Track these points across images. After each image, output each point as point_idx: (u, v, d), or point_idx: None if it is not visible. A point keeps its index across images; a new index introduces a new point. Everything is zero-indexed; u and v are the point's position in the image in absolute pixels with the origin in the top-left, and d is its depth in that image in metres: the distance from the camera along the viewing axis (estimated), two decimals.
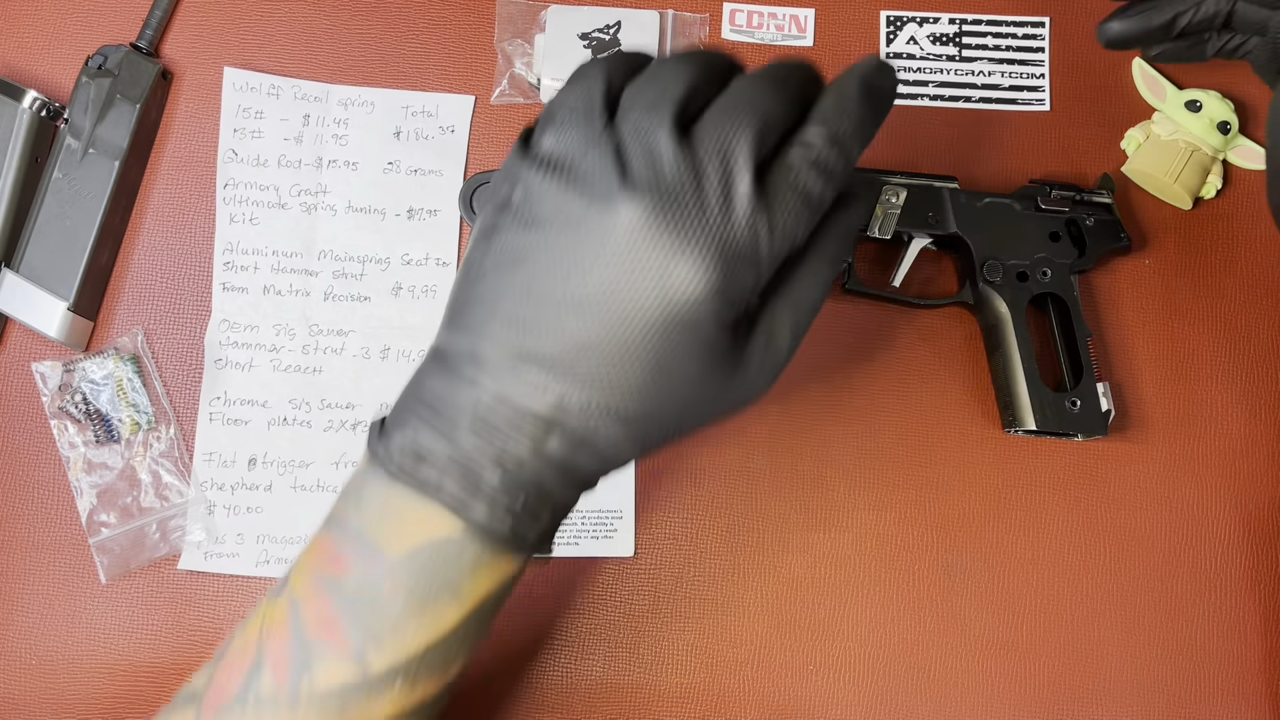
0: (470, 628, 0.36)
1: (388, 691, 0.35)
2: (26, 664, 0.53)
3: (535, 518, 0.35)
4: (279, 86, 0.58)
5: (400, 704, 0.36)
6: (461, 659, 0.37)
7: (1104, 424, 0.54)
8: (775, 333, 0.36)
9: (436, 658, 0.36)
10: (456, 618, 0.35)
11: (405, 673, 0.35)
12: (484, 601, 0.36)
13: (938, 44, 0.61)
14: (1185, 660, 0.55)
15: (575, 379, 0.33)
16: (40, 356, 0.55)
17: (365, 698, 0.35)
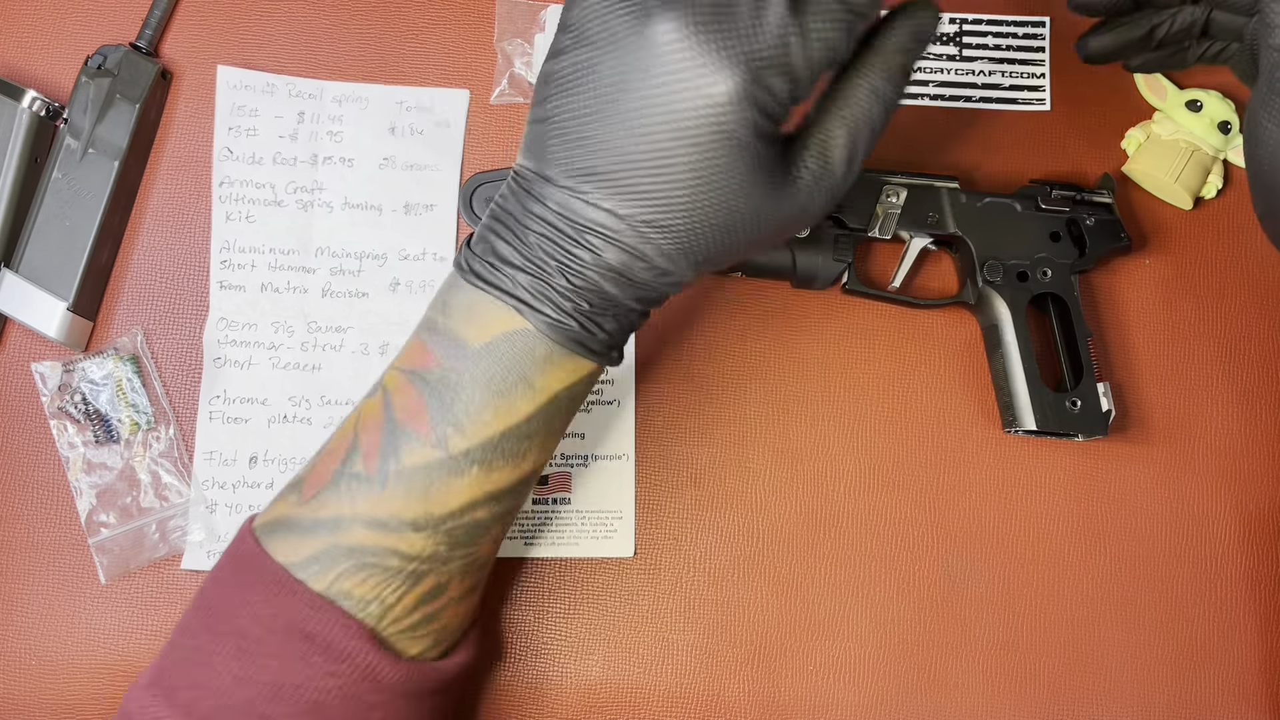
0: (541, 421, 0.40)
1: (466, 473, 0.39)
2: (26, 664, 0.53)
3: (599, 323, 0.38)
4: (273, 84, 0.58)
5: (477, 487, 0.39)
6: (534, 455, 0.41)
7: (1104, 424, 0.54)
8: (829, 149, 0.38)
9: (510, 445, 0.39)
10: (530, 408, 0.39)
11: (482, 456, 0.39)
12: (556, 396, 0.39)
13: (938, 44, 0.61)
14: (1185, 660, 0.55)
15: (624, 192, 0.36)
16: (40, 356, 0.55)
17: (446, 477, 0.39)
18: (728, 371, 0.57)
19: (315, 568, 0.39)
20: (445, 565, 0.40)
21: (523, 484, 0.41)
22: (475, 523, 0.40)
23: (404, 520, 0.39)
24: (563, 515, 0.55)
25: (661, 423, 0.56)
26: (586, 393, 0.41)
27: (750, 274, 0.56)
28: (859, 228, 0.56)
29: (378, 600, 0.39)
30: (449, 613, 0.42)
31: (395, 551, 0.39)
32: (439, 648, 0.42)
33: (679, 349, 0.57)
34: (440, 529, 0.39)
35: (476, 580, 0.43)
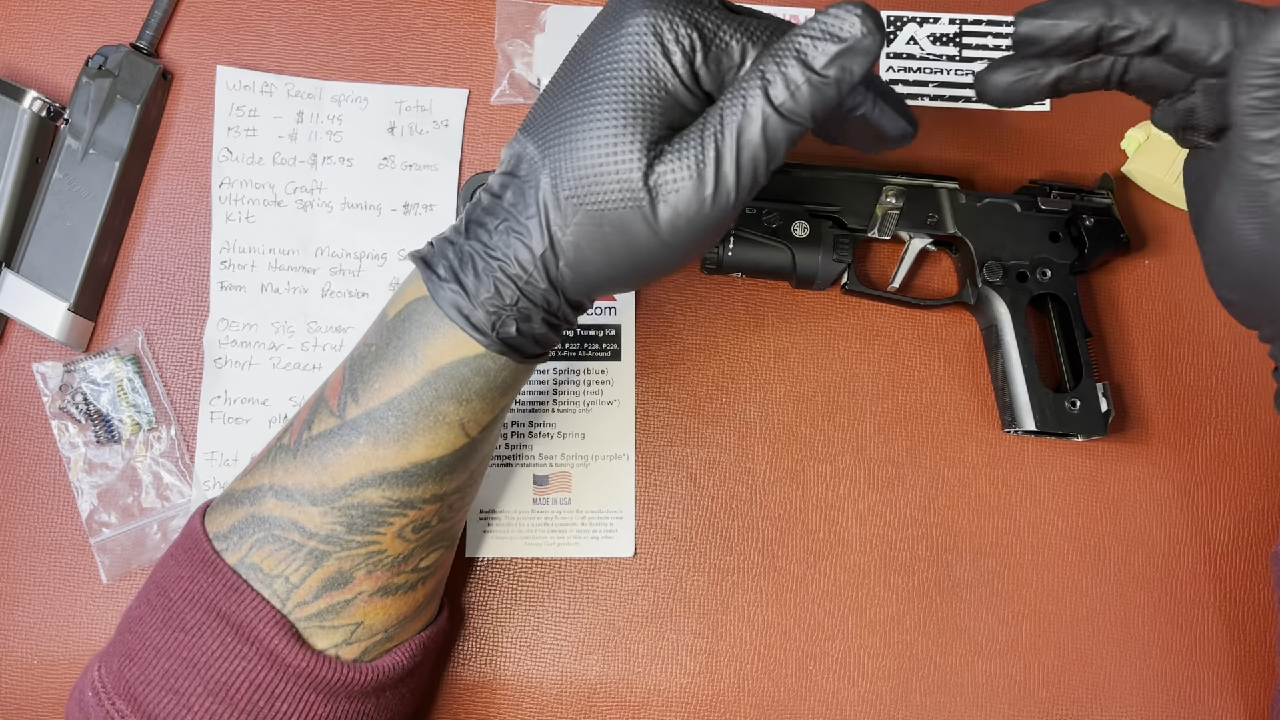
0: (425, 400, 0.40)
1: (354, 444, 0.40)
2: (28, 664, 0.53)
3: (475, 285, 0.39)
4: (272, 84, 0.58)
5: (364, 462, 0.40)
6: (421, 441, 0.40)
7: (1103, 424, 0.54)
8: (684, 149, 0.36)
9: (395, 420, 0.40)
10: (413, 380, 0.40)
11: (369, 427, 0.40)
12: (438, 371, 0.40)
13: (938, 44, 0.61)
14: (1185, 660, 0.55)
15: (535, 139, 0.38)
16: (41, 357, 0.55)
17: (338, 447, 0.40)
18: (728, 371, 0.57)
19: (235, 538, 0.41)
20: (345, 550, 0.40)
21: (416, 473, 0.41)
22: (369, 505, 0.40)
23: (305, 491, 0.40)
24: (563, 515, 0.55)
25: (661, 423, 0.56)
26: (480, 385, 0.40)
27: (750, 274, 0.56)
28: (859, 228, 0.56)
29: (282, 577, 0.40)
30: (361, 608, 0.42)
31: (296, 525, 0.40)
32: (355, 647, 0.42)
33: (679, 349, 0.57)
34: (335, 505, 0.40)
35: (392, 581, 0.42)
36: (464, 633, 0.54)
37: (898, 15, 0.61)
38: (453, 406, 0.40)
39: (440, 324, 0.39)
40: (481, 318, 0.39)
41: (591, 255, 0.38)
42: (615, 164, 0.36)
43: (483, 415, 0.42)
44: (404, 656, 0.44)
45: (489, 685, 0.53)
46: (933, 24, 0.61)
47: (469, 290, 0.39)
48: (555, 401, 0.56)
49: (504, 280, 0.38)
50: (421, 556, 0.43)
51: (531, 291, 0.39)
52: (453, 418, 0.41)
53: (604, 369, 0.56)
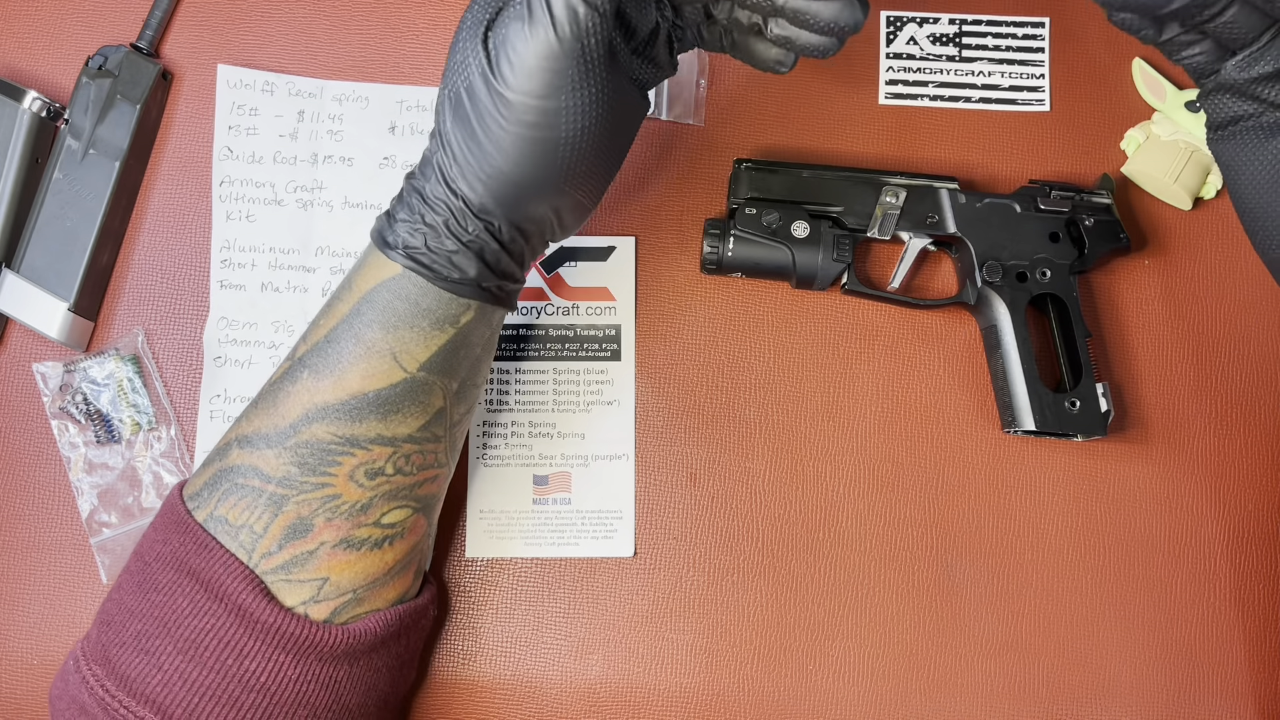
0: (353, 326, 0.42)
1: (299, 379, 0.42)
2: (28, 664, 0.53)
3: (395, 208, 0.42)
4: (273, 83, 0.58)
5: (307, 395, 0.42)
6: (357, 371, 0.42)
7: (1103, 424, 0.54)
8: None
9: (333, 351, 0.42)
10: (345, 308, 0.42)
11: (312, 361, 0.42)
12: (365, 296, 0.42)
13: (938, 44, 0.61)
14: (1184, 660, 0.55)
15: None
16: (41, 357, 0.55)
17: (287, 384, 0.42)
18: (728, 371, 0.57)
19: (205, 494, 0.42)
20: (301, 494, 0.41)
21: (356, 406, 0.42)
22: (316, 443, 0.41)
23: (261, 435, 0.42)
24: (563, 515, 0.55)
25: (661, 423, 0.56)
26: (402, 309, 0.42)
27: (750, 274, 0.56)
28: (859, 228, 0.56)
29: (247, 527, 0.41)
30: (325, 561, 0.42)
31: (256, 470, 0.41)
32: (324, 605, 0.42)
33: (679, 349, 0.57)
34: (286, 445, 0.41)
35: (354, 534, 0.42)
36: (464, 632, 0.54)
37: (898, 15, 0.61)
38: (380, 333, 0.42)
39: (369, 253, 0.42)
40: (392, 236, 0.41)
41: (462, 139, 0.39)
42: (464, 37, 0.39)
43: (415, 347, 0.42)
44: (377, 624, 0.43)
45: (489, 685, 0.53)
46: (933, 24, 0.61)
47: (393, 213, 0.42)
48: (555, 401, 0.56)
49: (410, 192, 0.41)
50: (382, 510, 0.43)
51: (433, 200, 0.41)
52: (382, 346, 0.42)
53: (604, 369, 0.56)
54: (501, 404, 0.56)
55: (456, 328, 0.43)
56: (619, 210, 0.58)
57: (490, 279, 0.43)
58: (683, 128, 0.59)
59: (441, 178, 0.40)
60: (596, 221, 0.58)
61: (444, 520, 0.55)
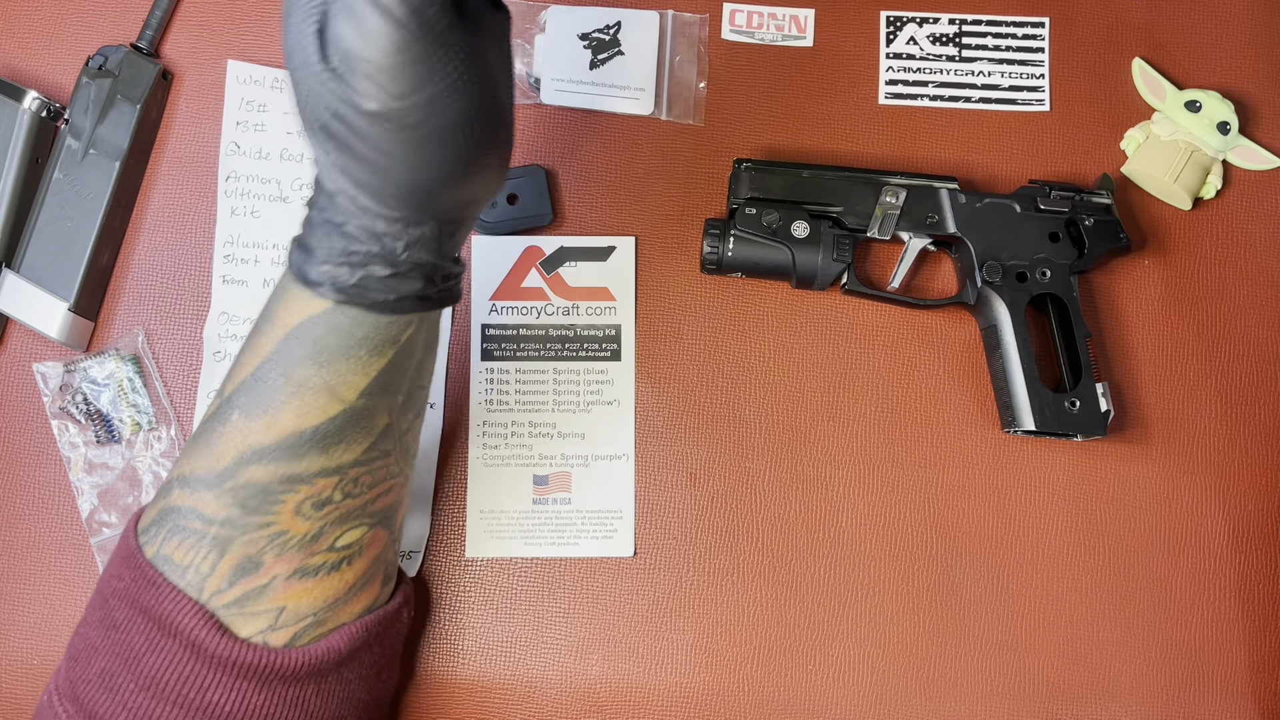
0: (283, 364, 0.39)
1: (229, 420, 0.39)
2: (28, 664, 0.53)
3: (315, 244, 0.37)
4: (283, 80, 0.58)
5: (240, 436, 0.39)
6: (290, 410, 0.39)
7: (1103, 424, 0.54)
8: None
9: (261, 390, 0.39)
10: (269, 345, 0.39)
11: (240, 401, 0.39)
12: (290, 333, 0.38)
13: (938, 44, 0.61)
14: (1183, 660, 0.55)
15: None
16: (41, 357, 0.55)
17: (217, 424, 0.40)
18: (728, 371, 0.57)
19: (153, 531, 0.41)
20: (246, 534, 0.39)
21: (294, 445, 0.39)
22: (255, 484, 0.39)
23: (198, 477, 0.40)
24: (563, 515, 0.55)
25: (661, 423, 0.56)
26: (334, 344, 0.38)
27: (750, 274, 0.56)
28: (859, 228, 0.56)
29: (193, 567, 0.39)
30: (280, 592, 0.40)
31: (196, 512, 0.39)
32: (283, 632, 0.41)
33: (679, 349, 0.57)
34: (224, 487, 0.39)
35: (307, 563, 0.41)
36: (464, 632, 0.54)
37: (898, 15, 0.61)
38: (313, 369, 0.38)
39: (291, 286, 0.38)
40: (315, 273, 0.37)
41: (355, 166, 0.35)
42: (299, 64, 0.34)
43: (353, 377, 0.39)
44: (342, 641, 0.42)
45: (489, 685, 0.53)
46: (933, 24, 0.61)
47: (307, 246, 0.37)
48: (555, 401, 0.56)
49: (324, 226, 0.37)
50: (335, 535, 0.41)
51: (354, 232, 0.37)
52: (316, 382, 0.38)
53: (604, 369, 0.57)
54: (501, 404, 0.56)
55: (398, 347, 0.40)
56: (619, 210, 0.58)
57: (432, 288, 0.39)
58: (683, 128, 0.59)
59: (356, 208, 0.36)
60: (596, 221, 0.58)
61: (444, 520, 0.55)
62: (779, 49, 0.60)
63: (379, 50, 0.32)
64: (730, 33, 0.60)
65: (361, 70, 0.33)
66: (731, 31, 0.60)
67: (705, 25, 0.60)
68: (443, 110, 0.34)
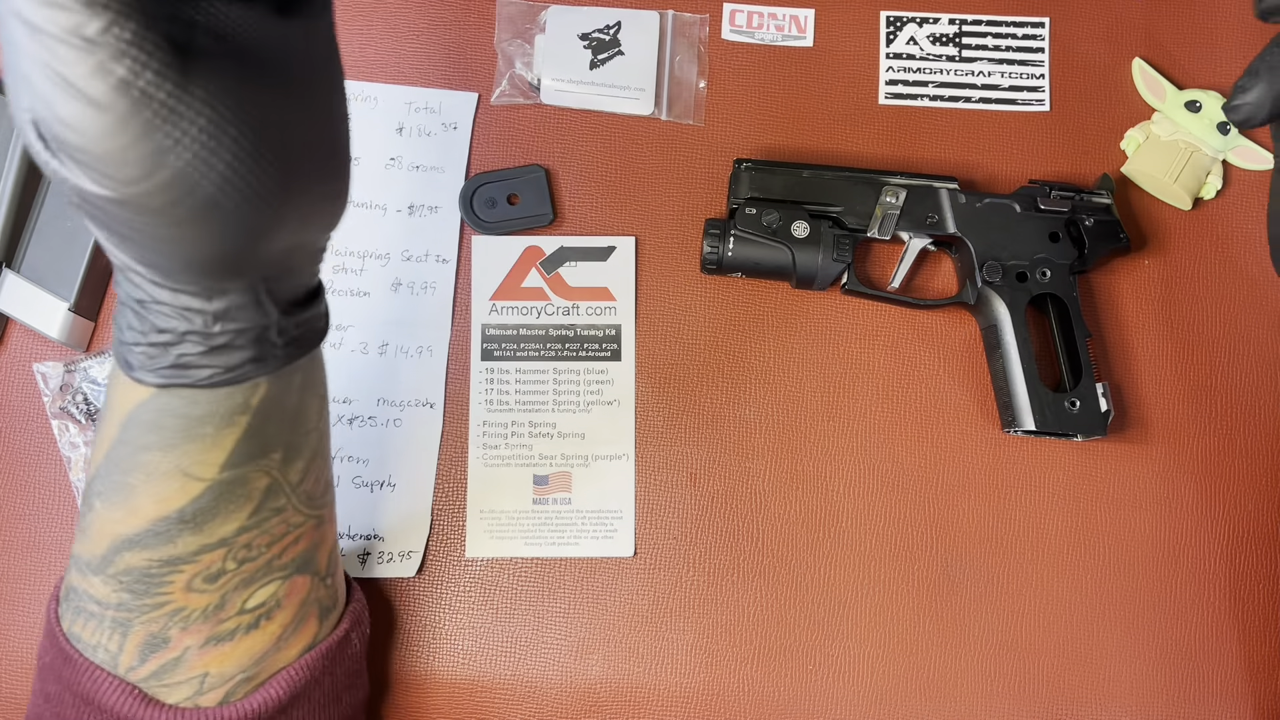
0: (129, 451, 0.35)
1: (94, 509, 0.37)
2: (28, 664, 0.53)
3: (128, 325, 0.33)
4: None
5: (108, 527, 0.36)
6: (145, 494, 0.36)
7: (1103, 424, 0.54)
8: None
9: (114, 478, 0.36)
10: (112, 433, 0.35)
11: (99, 488, 0.36)
12: (129, 418, 0.35)
13: (938, 44, 0.61)
14: (1183, 660, 0.55)
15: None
16: (41, 357, 0.55)
17: (86, 512, 0.37)
18: (728, 371, 0.57)
19: (65, 607, 0.39)
20: (144, 615, 0.37)
21: (163, 531, 0.36)
22: (135, 570, 0.37)
23: (83, 560, 0.38)
24: (563, 515, 0.55)
25: (661, 423, 0.56)
26: (176, 425, 0.35)
27: (750, 274, 0.56)
28: (859, 228, 0.56)
29: (102, 647, 0.38)
30: (197, 661, 0.38)
31: (90, 596, 0.38)
32: (213, 693, 0.39)
33: (679, 349, 0.57)
34: (106, 573, 0.37)
35: (218, 630, 0.39)
36: (464, 632, 0.54)
37: (898, 15, 0.61)
38: (159, 455, 0.35)
39: (115, 372, 0.35)
40: (130, 357, 0.33)
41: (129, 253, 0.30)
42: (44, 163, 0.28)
43: (205, 455, 0.35)
44: (279, 688, 0.40)
45: (489, 685, 0.53)
46: (933, 24, 0.61)
47: (119, 326, 0.33)
48: (555, 401, 0.56)
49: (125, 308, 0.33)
50: (242, 598, 0.39)
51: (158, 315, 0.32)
52: (165, 467, 0.35)
53: (604, 369, 0.57)
54: (501, 404, 0.56)
55: (250, 412, 0.35)
56: (619, 210, 0.58)
57: (274, 344, 0.34)
58: (683, 128, 0.59)
59: (148, 283, 0.31)
60: (596, 221, 0.58)
61: (444, 520, 0.55)
62: (779, 49, 0.60)
63: (87, 139, 0.26)
64: (730, 33, 0.60)
65: (79, 160, 0.26)
66: (731, 31, 0.60)
67: (705, 25, 0.60)
68: (196, 184, 0.27)
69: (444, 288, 0.57)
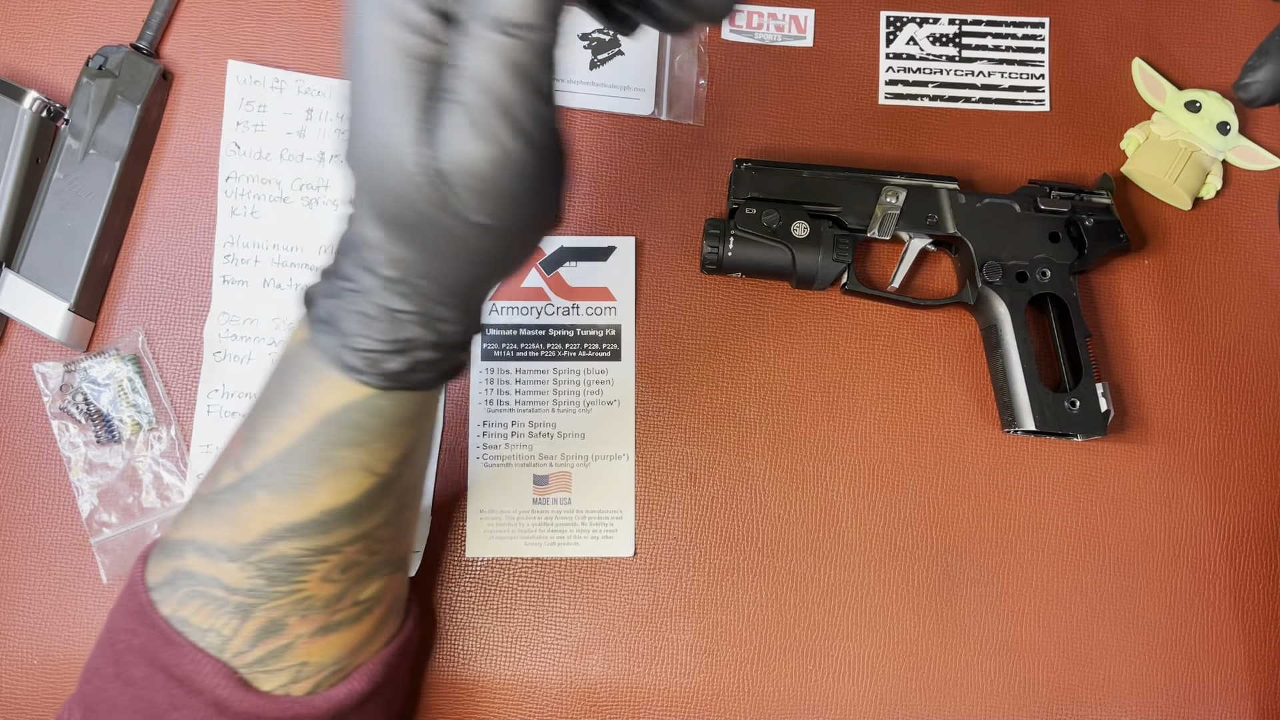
0: (318, 447, 0.37)
1: (256, 498, 0.38)
2: (28, 664, 0.53)
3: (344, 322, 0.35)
4: (283, 80, 0.58)
5: (269, 516, 0.38)
6: (324, 490, 0.38)
7: (1103, 424, 0.54)
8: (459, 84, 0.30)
9: (292, 471, 0.38)
10: (300, 427, 0.37)
11: (267, 480, 0.38)
12: (326, 418, 0.37)
13: (938, 44, 0.61)
14: (1184, 660, 0.55)
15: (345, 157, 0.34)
16: (41, 357, 0.55)
17: (242, 501, 0.38)
18: (728, 371, 0.57)
19: (167, 590, 0.40)
20: (271, 601, 0.39)
21: (327, 521, 0.38)
22: (284, 558, 0.38)
23: (219, 547, 0.39)
24: (563, 515, 0.55)
25: (661, 423, 0.56)
26: (377, 426, 0.38)
27: (750, 274, 0.56)
28: (859, 228, 0.56)
29: (214, 631, 0.39)
30: (303, 649, 0.40)
31: (217, 581, 0.39)
32: (305, 682, 0.41)
33: (679, 349, 0.57)
34: (250, 560, 0.38)
35: (330, 620, 0.41)
36: (464, 632, 0.54)
37: (898, 15, 0.61)
38: (349, 452, 0.38)
39: (323, 369, 0.36)
40: (358, 360, 0.36)
41: (428, 261, 0.34)
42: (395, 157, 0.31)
43: (389, 452, 0.39)
44: (362, 682, 0.42)
45: (489, 685, 0.53)
46: (933, 24, 0.61)
47: (344, 331, 0.35)
48: (555, 401, 0.56)
49: (370, 314, 0.35)
50: (359, 591, 0.41)
51: (403, 315, 0.35)
52: (352, 462, 0.38)
53: (604, 369, 0.57)
54: (501, 404, 0.56)
55: (428, 415, 0.40)
56: (619, 210, 0.58)
57: (466, 355, 0.39)
58: (683, 128, 0.59)
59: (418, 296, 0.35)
60: (596, 221, 0.58)
61: (444, 520, 0.55)
62: (779, 49, 0.60)
63: (507, 174, 0.30)
64: (730, 33, 0.60)
65: (475, 187, 0.30)
66: (731, 31, 0.60)
67: (704, 26, 0.60)
68: (541, 225, 0.34)
69: None
